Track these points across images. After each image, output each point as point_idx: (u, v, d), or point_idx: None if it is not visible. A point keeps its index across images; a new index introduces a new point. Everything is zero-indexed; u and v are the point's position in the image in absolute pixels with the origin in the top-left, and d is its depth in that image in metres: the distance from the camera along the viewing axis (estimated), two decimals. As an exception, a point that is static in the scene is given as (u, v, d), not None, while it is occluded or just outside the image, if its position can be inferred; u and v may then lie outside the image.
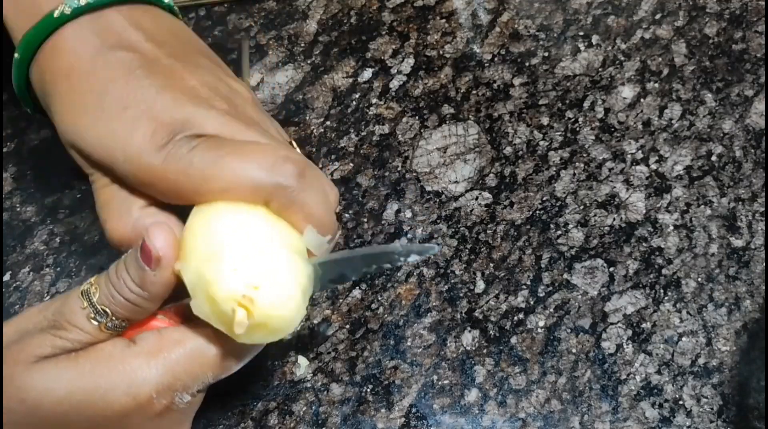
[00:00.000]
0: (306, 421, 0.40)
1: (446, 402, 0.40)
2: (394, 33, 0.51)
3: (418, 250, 0.32)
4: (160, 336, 0.31)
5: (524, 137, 0.47)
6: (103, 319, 0.31)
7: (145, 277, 0.30)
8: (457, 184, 0.46)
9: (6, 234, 0.46)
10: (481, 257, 0.44)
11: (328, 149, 0.47)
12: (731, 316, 0.41)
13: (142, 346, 0.31)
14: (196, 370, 0.31)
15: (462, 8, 0.51)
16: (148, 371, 0.30)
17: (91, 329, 0.31)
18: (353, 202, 0.46)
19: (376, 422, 0.40)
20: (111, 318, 0.31)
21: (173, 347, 0.31)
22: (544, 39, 0.50)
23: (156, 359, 0.30)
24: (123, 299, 0.30)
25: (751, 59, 0.48)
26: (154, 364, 0.30)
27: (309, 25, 0.51)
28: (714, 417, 0.39)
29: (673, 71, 0.48)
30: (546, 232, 0.44)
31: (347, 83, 0.49)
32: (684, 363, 0.40)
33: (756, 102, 0.47)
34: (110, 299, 0.31)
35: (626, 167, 0.46)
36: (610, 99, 0.48)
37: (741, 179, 0.45)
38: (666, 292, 0.42)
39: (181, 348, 0.31)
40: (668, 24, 0.50)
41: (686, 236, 0.43)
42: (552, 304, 0.42)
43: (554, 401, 0.40)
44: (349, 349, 0.42)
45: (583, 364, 0.41)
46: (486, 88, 0.49)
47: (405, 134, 0.48)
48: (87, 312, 0.31)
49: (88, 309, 0.31)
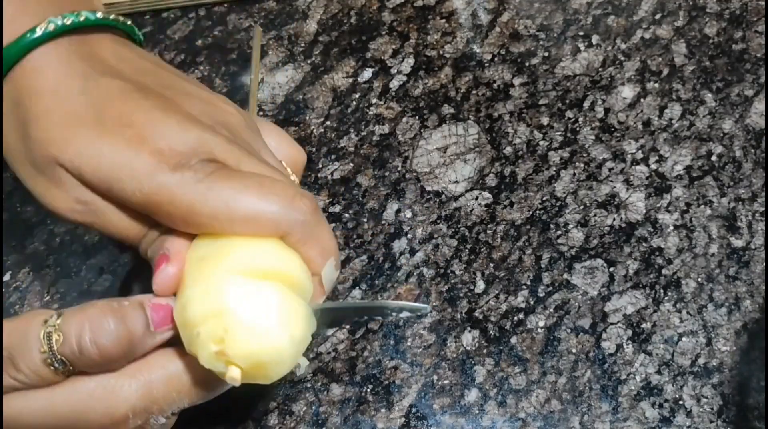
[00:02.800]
0: (306, 421, 0.40)
1: (446, 402, 0.40)
2: (394, 33, 0.51)
3: (410, 309, 0.33)
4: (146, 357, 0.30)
5: (524, 137, 0.47)
6: (62, 368, 0.28)
7: (139, 338, 0.29)
8: (457, 184, 0.46)
9: (6, 234, 0.46)
10: (481, 257, 0.44)
11: (328, 149, 0.47)
12: (731, 316, 0.41)
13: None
14: (173, 395, 0.30)
15: (462, 8, 0.51)
16: (128, 391, 0.29)
17: (47, 375, 0.28)
18: (353, 202, 0.46)
19: (376, 422, 0.40)
20: (71, 369, 0.28)
21: (154, 369, 0.30)
22: (544, 39, 0.50)
23: (136, 380, 0.29)
24: (94, 358, 0.28)
25: (751, 59, 0.48)
26: (135, 385, 0.29)
27: (309, 25, 0.51)
28: (714, 417, 0.39)
29: (673, 71, 0.48)
30: (546, 232, 0.44)
31: (347, 83, 0.49)
32: (684, 363, 0.40)
33: (756, 102, 0.47)
34: (75, 355, 0.28)
35: (626, 167, 0.46)
36: (610, 99, 0.48)
37: (741, 179, 0.45)
38: (666, 292, 0.42)
39: (162, 370, 0.30)
40: (668, 24, 0.50)
41: (686, 236, 0.43)
42: (552, 304, 0.42)
43: (554, 401, 0.40)
44: (349, 349, 0.42)
45: (583, 364, 0.41)
46: (486, 88, 0.49)
47: (405, 134, 0.48)
48: (45, 357, 0.28)
49: (47, 354, 0.28)
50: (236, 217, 0.29)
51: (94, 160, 0.29)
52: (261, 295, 0.29)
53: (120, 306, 0.29)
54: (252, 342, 0.28)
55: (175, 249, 0.30)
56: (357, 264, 0.44)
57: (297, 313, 0.30)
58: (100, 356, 0.28)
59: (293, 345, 0.29)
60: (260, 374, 0.29)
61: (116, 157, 0.29)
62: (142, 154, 0.29)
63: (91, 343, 0.28)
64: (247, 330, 0.28)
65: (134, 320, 0.29)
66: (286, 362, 0.29)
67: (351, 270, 0.44)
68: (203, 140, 0.30)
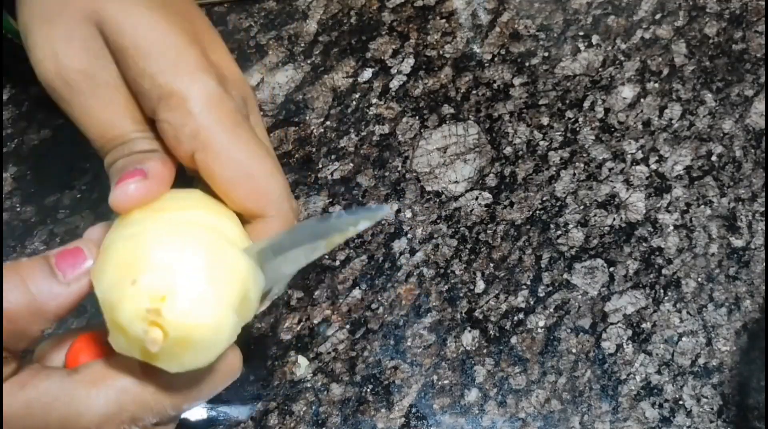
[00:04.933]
0: (306, 421, 0.40)
1: (446, 402, 0.40)
2: (394, 33, 0.51)
3: (368, 216, 0.27)
4: (107, 362, 0.27)
5: (524, 137, 0.47)
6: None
7: (45, 294, 0.26)
8: (457, 184, 0.46)
9: (6, 234, 0.46)
10: (481, 257, 0.44)
11: (328, 149, 0.47)
12: (731, 316, 0.41)
13: (85, 374, 0.27)
14: (147, 398, 0.27)
15: (462, 8, 0.51)
16: (87, 401, 0.26)
17: None
18: (353, 202, 0.46)
19: (376, 422, 0.40)
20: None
21: (120, 375, 0.27)
22: (544, 39, 0.50)
23: (98, 388, 0.26)
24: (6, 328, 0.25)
25: (751, 59, 0.48)
26: (96, 394, 0.26)
27: (309, 25, 0.51)
28: (714, 417, 0.39)
29: (673, 71, 0.48)
30: (546, 232, 0.44)
31: (347, 83, 0.49)
32: (684, 363, 0.40)
33: (756, 102, 0.47)
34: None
35: (626, 167, 0.46)
36: (610, 99, 0.48)
37: (741, 179, 0.45)
38: (666, 292, 0.42)
39: (130, 375, 0.27)
40: (668, 24, 0.50)
41: (686, 236, 0.43)
42: (552, 304, 0.42)
43: (554, 401, 0.40)
44: (349, 349, 0.42)
45: (583, 364, 0.41)
46: (486, 88, 0.49)
47: (405, 134, 0.48)
48: None
49: None
50: (243, 170, 0.27)
51: (144, 26, 0.27)
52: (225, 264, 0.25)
53: (18, 263, 0.26)
54: (194, 313, 0.24)
55: (156, 170, 0.27)
56: (357, 264, 0.44)
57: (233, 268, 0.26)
58: (10, 323, 0.25)
59: (231, 316, 0.25)
60: (184, 352, 0.25)
61: (170, 37, 0.27)
62: (195, 50, 0.28)
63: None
64: (193, 289, 0.24)
65: (33, 276, 0.26)
66: (224, 334, 0.25)
67: (351, 270, 0.44)
68: (244, 81, 0.29)
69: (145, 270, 0.24)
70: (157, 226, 0.26)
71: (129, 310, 0.24)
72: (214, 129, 0.27)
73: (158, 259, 0.25)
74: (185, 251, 0.25)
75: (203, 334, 0.25)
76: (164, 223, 0.26)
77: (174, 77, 0.27)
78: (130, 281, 0.24)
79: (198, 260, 0.25)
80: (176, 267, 0.25)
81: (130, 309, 0.24)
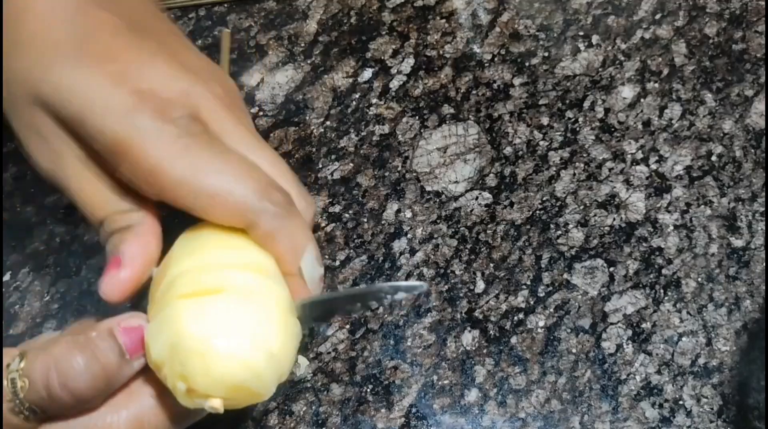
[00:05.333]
0: (306, 421, 0.40)
1: (446, 402, 0.40)
2: (394, 33, 0.51)
3: (406, 288, 0.28)
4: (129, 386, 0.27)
5: (524, 137, 0.47)
6: (33, 416, 0.25)
7: (114, 371, 0.26)
8: (457, 184, 0.46)
9: (6, 234, 0.46)
10: (481, 257, 0.44)
11: (328, 149, 0.47)
12: (731, 316, 0.41)
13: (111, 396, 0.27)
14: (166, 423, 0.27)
15: (462, 8, 0.51)
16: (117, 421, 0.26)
17: (19, 423, 0.25)
18: (353, 202, 0.46)
19: (376, 422, 0.40)
20: (44, 414, 0.25)
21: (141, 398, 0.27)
22: (544, 39, 0.50)
23: (126, 413, 0.27)
24: (67, 401, 0.25)
25: (751, 59, 0.48)
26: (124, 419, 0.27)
27: (309, 25, 0.51)
28: (714, 417, 0.39)
29: (673, 71, 0.48)
30: (546, 232, 0.44)
31: (347, 83, 0.49)
32: (684, 363, 0.40)
33: (756, 102, 0.47)
34: (45, 401, 0.25)
35: (626, 167, 0.46)
36: (610, 99, 0.48)
37: (741, 179, 0.45)
38: (666, 292, 0.42)
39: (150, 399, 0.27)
40: (668, 24, 0.50)
41: (686, 236, 0.43)
42: (552, 304, 0.42)
43: (554, 401, 0.40)
44: (349, 349, 0.42)
45: (583, 364, 0.41)
46: (486, 88, 0.49)
47: (405, 134, 0.48)
48: (11, 406, 0.25)
49: (13, 404, 0.25)
50: (202, 191, 0.27)
51: (70, 90, 0.27)
52: (213, 312, 0.26)
53: (87, 339, 0.26)
54: (214, 368, 0.25)
55: (130, 253, 0.28)
56: (357, 264, 0.44)
57: (257, 318, 0.26)
58: (74, 399, 0.25)
59: (265, 353, 0.26)
60: (243, 395, 0.27)
61: (93, 88, 0.27)
62: (122, 90, 0.27)
63: (61, 387, 0.25)
64: (203, 357, 0.25)
65: (106, 352, 0.26)
66: (265, 374, 0.26)
67: (351, 270, 0.44)
68: (191, 93, 0.28)
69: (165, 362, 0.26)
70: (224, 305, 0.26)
71: (180, 397, 0.26)
72: (162, 166, 0.27)
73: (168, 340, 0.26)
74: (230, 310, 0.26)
75: (240, 374, 0.26)
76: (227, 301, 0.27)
77: (109, 128, 0.27)
78: (163, 377, 0.26)
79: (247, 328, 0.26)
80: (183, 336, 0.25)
81: (179, 396, 0.26)
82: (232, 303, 0.26)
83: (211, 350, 0.25)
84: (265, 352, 0.26)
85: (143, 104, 0.27)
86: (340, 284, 0.43)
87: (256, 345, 0.26)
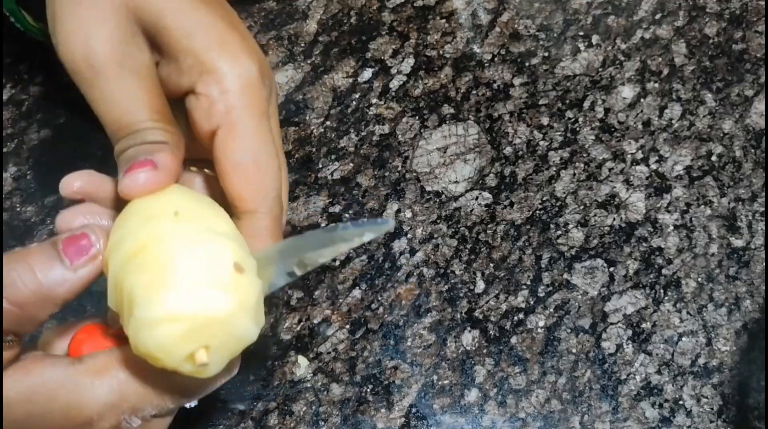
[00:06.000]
0: (306, 421, 0.40)
1: (446, 402, 0.40)
2: (394, 33, 0.51)
3: (371, 229, 0.28)
4: (111, 354, 0.27)
5: (524, 137, 0.47)
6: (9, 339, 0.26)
7: (59, 276, 0.26)
8: (457, 184, 0.46)
9: (6, 234, 0.46)
10: (481, 257, 0.44)
11: (328, 149, 0.47)
12: (731, 316, 0.41)
13: (89, 364, 0.27)
14: (148, 391, 0.27)
15: (462, 8, 0.51)
16: (91, 390, 0.26)
17: None
18: (353, 202, 0.46)
19: (376, 422, 0.40)
20: (15, 335, 0.26)
21: (124, 365, 0.27)
22: (544, 39, 0.50)
23: (102, 378, 0.27)
24: (14, 313, 0.26)
25: (751, 59, 0.48)
26: (99, 384, 0.26)
27: (309, 25, 0.51)
28: (714, 417, 0.39)
29: (673, 71, 0.48)
30: (546, 232, 0.44)
31: (347, 83, 0.49)
32: (684, 363, 0.40)
33: (756, 102, 0.47)
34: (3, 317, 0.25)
35: (626, 167, 0.46)
36: (610, 99, 0.48)
37: (741, 179, 0.45)
38: (666, 292, 0.42)
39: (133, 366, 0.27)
40: (668, 24, 0.50)
41: (686, 236, 0.43)
42: (552, 304, 0.42)
43: (554, 401, 0.40)
44: (349, 349, 0.42)
45: (583, 364, 0.41)
46: (486, 88, 0.49)
47: (405, 134, 0.48)
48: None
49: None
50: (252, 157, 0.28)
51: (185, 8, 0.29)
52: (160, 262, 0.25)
53: (26, 250, 0.27)
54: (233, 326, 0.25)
55: (166, 163, 0.28)
56: (357, 264, 0.44)
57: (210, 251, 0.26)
58: (20, 308, 0.26)
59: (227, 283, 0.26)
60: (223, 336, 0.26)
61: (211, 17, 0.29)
62: (236, 33, 0.29)
63: (5, 301, 0.25)
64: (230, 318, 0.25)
65: (41, 262, 0.27)
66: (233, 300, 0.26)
67: (351, 270, 0.44)
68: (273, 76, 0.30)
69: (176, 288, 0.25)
70: (180, 236, 0.26)
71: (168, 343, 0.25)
72: (244, 112, 0.29)
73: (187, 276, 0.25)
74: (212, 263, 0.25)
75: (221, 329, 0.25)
76: (185, 231, 0.26)
77: (219, 55, 0.28)
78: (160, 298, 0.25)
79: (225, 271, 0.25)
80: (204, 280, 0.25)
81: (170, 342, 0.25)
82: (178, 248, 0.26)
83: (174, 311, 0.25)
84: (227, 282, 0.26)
85: (254, 55, 0.29)
86: (339, 284, 0.43)
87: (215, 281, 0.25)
